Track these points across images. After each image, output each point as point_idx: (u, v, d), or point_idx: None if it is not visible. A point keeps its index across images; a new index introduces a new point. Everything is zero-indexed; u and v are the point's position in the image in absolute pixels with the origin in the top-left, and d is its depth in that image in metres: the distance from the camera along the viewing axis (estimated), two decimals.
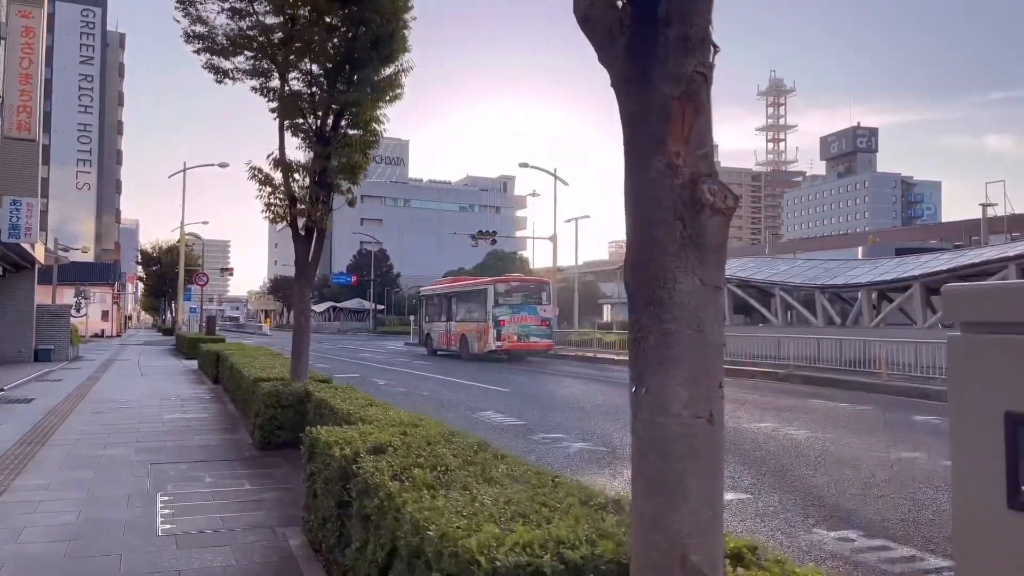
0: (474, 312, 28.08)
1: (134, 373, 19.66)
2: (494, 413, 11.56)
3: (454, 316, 29.98)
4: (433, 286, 35.15)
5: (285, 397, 8.33)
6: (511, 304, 26.94)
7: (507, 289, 27.63)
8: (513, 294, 27.36)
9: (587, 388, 16.23)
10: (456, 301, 30.22)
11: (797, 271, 28.16)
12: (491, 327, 26.38)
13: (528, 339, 26.86)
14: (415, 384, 16.98)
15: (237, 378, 11.71)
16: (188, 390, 14.92)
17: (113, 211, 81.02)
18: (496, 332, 26.30)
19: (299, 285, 9.35)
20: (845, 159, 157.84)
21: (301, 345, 9.24)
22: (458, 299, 30.14)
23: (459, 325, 29.07)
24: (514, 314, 26.74)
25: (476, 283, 30.59)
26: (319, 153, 8.96)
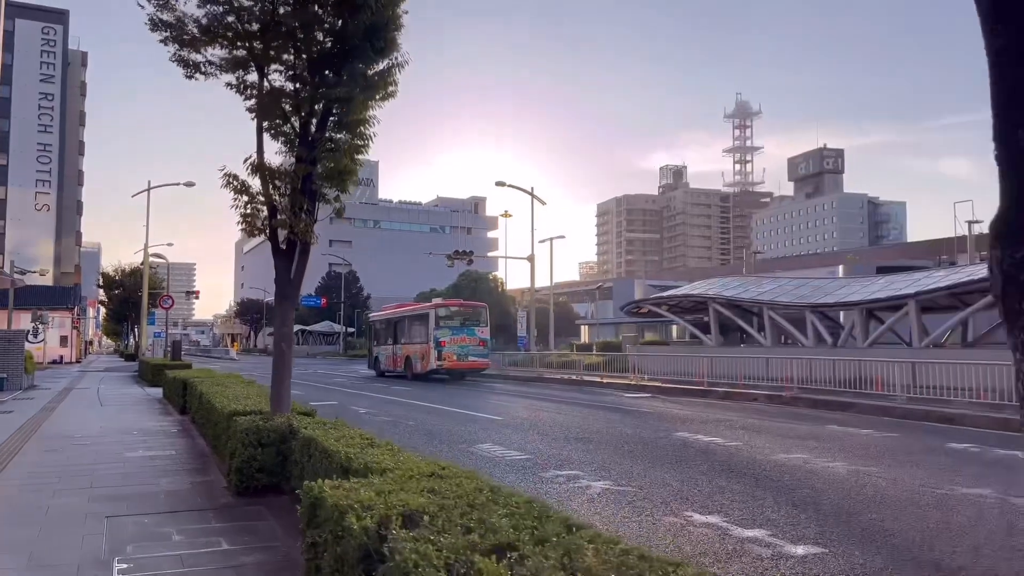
0: (417, 335, 30.18)
1: (93, 403, 18.28)
2: (493, 446, 10.52)
3: (400, 339, 32.10)
4: (382, 312, 37.27)
5: (266, 434, 7.24)
6: (451, 327, 29.01)
7: (447, 313, 29.65)
8: (453, 318, 29.43)
9: (583, 415, 15.25)
10: (401, 325, 32.36)
11: (784, 290, 27.55)
12: (432, 348, 28.48)
13: (467, 359, 28.97)
14: (399, 412, 15.86)
15: (207, 410, 10.56)
16: (152, 422, 13.66)
17: (73, 233, 78.65)
18: (437, 352, 28.39)
19: (280, 306, 8.29)
20: (813, 180, 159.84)
21: (282, 373, 8.16)
22: (403, 323, 32.21)
23: (404, 347, 31.20)
24: (454, 335, 28.86)
25: (419, 308, 32.60)
26: (303, 157, 7.94)
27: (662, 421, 13.79)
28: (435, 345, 28.38)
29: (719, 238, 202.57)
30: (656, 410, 15.89)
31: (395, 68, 8.03)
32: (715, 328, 29.22)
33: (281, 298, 8.28)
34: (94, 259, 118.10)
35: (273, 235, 8.25)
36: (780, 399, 17.00)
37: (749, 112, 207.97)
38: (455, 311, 30.05)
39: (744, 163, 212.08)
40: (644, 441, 11.01)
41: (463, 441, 11.09)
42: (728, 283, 30.46)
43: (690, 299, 31.14)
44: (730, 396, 18.48)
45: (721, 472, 8.40)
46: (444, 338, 28.58)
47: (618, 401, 18.38)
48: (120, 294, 64.84)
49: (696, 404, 17.37)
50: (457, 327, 29.11)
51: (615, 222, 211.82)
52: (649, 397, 19.54)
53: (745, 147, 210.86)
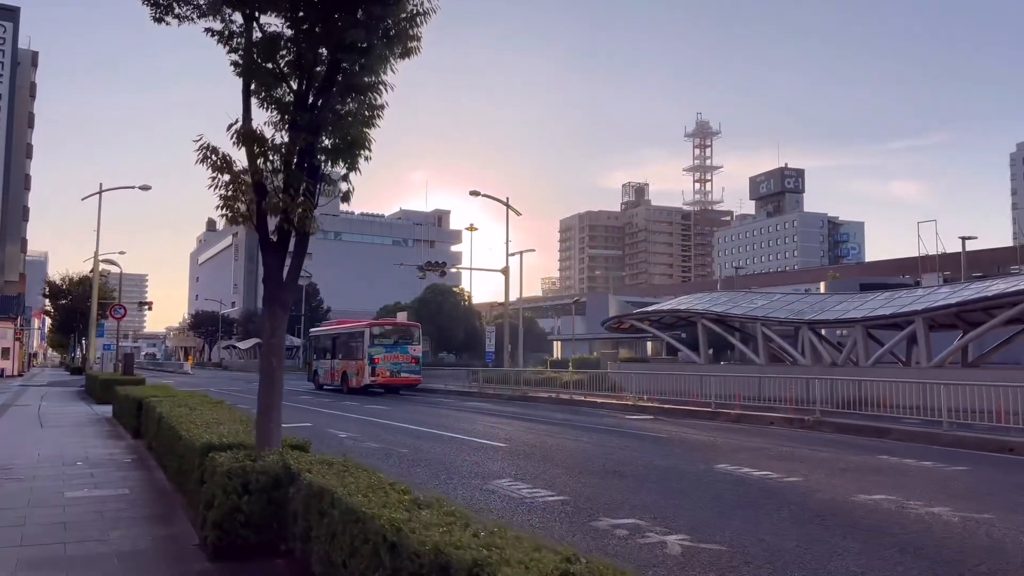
0: (353, 351, 31.69)
1: (32, 424, 16.15)
2: (512, 481, 8.90)
3: (337, 355, 33.59)
4: (321, 328, 39.34)
5: (255, 478, 5.54)
6: (385, 344, 30.58)
7: (382, 332, 31.32)
8: (387, 336, 31.11)
9: (595, 440, 13.70)
10: (339, 341, 33.77)
11: (778, 305, 26.40)
12: (367, 364, 29.96)
13: (399, 375, 30.55)
14: (387, 437, 14.11)
15: (170, 438, 8.77)
16: (101, 449, 11.73)
17: (19, 240, 74.80)
18: (371, 368, 29.89)
19: (270, 312, 6.57)
20: (774, 199, 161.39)
21: (271, 396, 6.46)
22: (341, 340, 33.62)
23: (341, 362, 32.68)
24: (387, 353, 30.42)
25: (355, 325, 33.54)
26: (301, 124, 6.29)
27: (689, 449, 12.29)
28: (369, 362, 29.92)
29: (680, 255, 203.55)
30: (672, 435, 14.39)
31: (419, 17, 6.44)
32: (704, 345, 27.95)
33: (271, 302, 6.57)
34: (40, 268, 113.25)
35: (261, 223, 6.58)
36: (801, 423, 15.63)
37: (709, 132, 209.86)
38: (389, 330, 31.91)
39: (704, 182, 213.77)
40: (686, 475, 9.48)
41: (475, 475, 9.43)
42: (716, 298, 29.25)
43: (676, 314, 29.88)
44: (743, 419, 17.09)
45: (810, 520, 6.91)
46: (378, 355, 30.15)
47: (622, 424, 16.84)
48: (67, 304, 61.66)
49: (709, 428, 15.93)
50: (391, 345, 30.73)
51: (578, 238, 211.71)
52: (652, 419, 18.06)
53: (705, 166, 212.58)
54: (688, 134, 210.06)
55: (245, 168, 6.56)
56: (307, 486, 4.95)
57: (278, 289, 6.56)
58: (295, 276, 6.66)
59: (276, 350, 6.57)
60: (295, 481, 5.36)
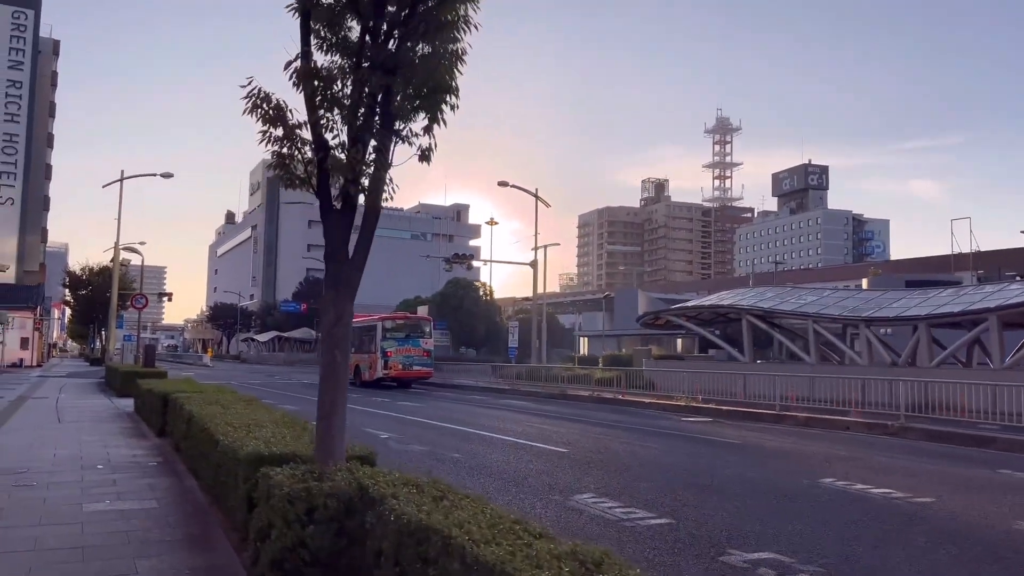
0: (366, 345, 31.65)
1: (49, 419, 15.12)
2: (598, 498, 7.69)
3: (353, 348, 32.61)
4: None
5: (322, 503, 4.37)
6: (397, 338, 30.72)
7: (394, 326, 31.44)
8: (400, 330, 31.27)
9: (664, 447, 12.47)
10: (353, 335, 32.78)
11: (829, 302, 25.04)
12: (379, 358, 30.22)
13: (412, 368, 30.79)
14: (429, 438, 12.94)
15: (203, 441, 7.65)
16: (123, 449, 10.63)
17: (39, 230, 74.38)
18: (384, 362, 30.12)
19: (334, 295, 5.38)
20: (797, 196, 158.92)
21: (335, 397, 5.28)
22: (354, 334, 34.36)
23: (354, 356, 31.74)
24: (400, 346, 30.58)
25: (368, 320, 33.27)
26: (379, 60, 5.11)
27: (775, 459, 11.05)
28: (382, 355, 30.11)
29: (700, 252, 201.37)
30: (746, 441, 13.13)
31: None
32: (749, 342, 26.62)
33: (334, 283, 5.39)
34: (60, 259, 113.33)
35: (323, 187, 5.40)
36: (883, 428, 14.30)
37: (729, 128, 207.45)
38: (401, 324, 32.00)
39: (724, 178, 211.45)
40: (793, 492, 8.24)
41: (549, 488, 8.23)
42: (762, 294, 27.89)
43: (717, 310, 28.56)
44: (812, 423, 15.79)
45: (985, 560, 5.66)
46: (390, 349, 30.31)
47: (681, 427, 15.60)
48: (87, 294, 61.15)
49: (779, 433, 14.65)
50: (403, 339, 30.85)
51: (596, 234, 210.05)
52: (712, 422, 16.80)
53: (725, 163, 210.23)
54: (708, 130, 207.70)
55: (303, 121, 5.40)
56: (398, 520, 3.76)
57: (343, 268, 5.38)
58: (364, 252, 5.47)
59: (340, 341, 5.38)
60: (374, 507, 4.18)
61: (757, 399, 19.80)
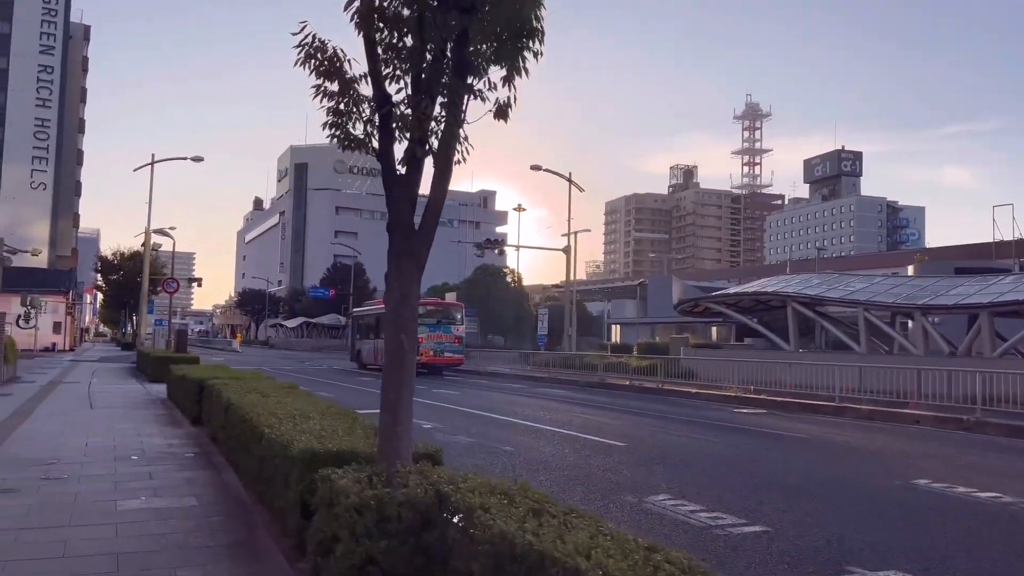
0: None
1: (81, 405, 14.70)
2: (674, 499, 6.97)
3: (380, 335, 33.02)
4: (364, 307, 39.08)
5: (395, 513, 3.70)
6: (428, 324, 29.41)
7: (424, 311, 29.93)
8: (430, 316, 30.31)
9: (725, 441, 11.71)
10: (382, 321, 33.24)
11: (880, 289, 24.01)
12: None
13: (443, 354, 30.19)
14: (474, 429, 12.30)
15: (244, 433, 7.05)
16: (158, 439, 10.10)
17: (71, 215, 75.02)
18: None
19: (398, 270, 4.68)
20: (829, 182, 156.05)
21: (400, 388, 4.62)
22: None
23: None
24: (431, 332, 29.62)
25: None
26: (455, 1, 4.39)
27: (853, 457, 10.27)
28: None
29: (729, 240, 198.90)
30: (812, 436, 12.33)
31: None
32: (794, 331, 25.66)
33: (399, 257, 4.68)
34: (92, 244, 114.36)
35: (385, 147, 4.71)
36: (957, 423, 13.40)
37: (759, 113, 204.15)
38: (432, 310, 31.14)
39: (753, 165, 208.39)
40: (888, 496, 7.45)
41: (618, 488, 7.53)
42: (807, 281, 26.90)
43: (759, 297, 27.62)
44: (876, 416, 14.94)
45: None
46: (421, 335, 29.53)
47: (738, 420, 14.80)
48: (119, 279, 61.38)
49: (843, 426, 13.83)
50: (434, 325, 30.11)
51: (623, 221, 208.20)
52: (766, 414, 16.00)
53: (754, 149, 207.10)
54: (737, 116, 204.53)
55: (363, 74, 4.71)
56: (495, 540, 3.07)
57: (409, 240, 4.68)
58: (433, 222, 4.76)
59: (407, 323, 4.69)
60: (458, 521, 3.51)
61: (808, 389, 18.97)
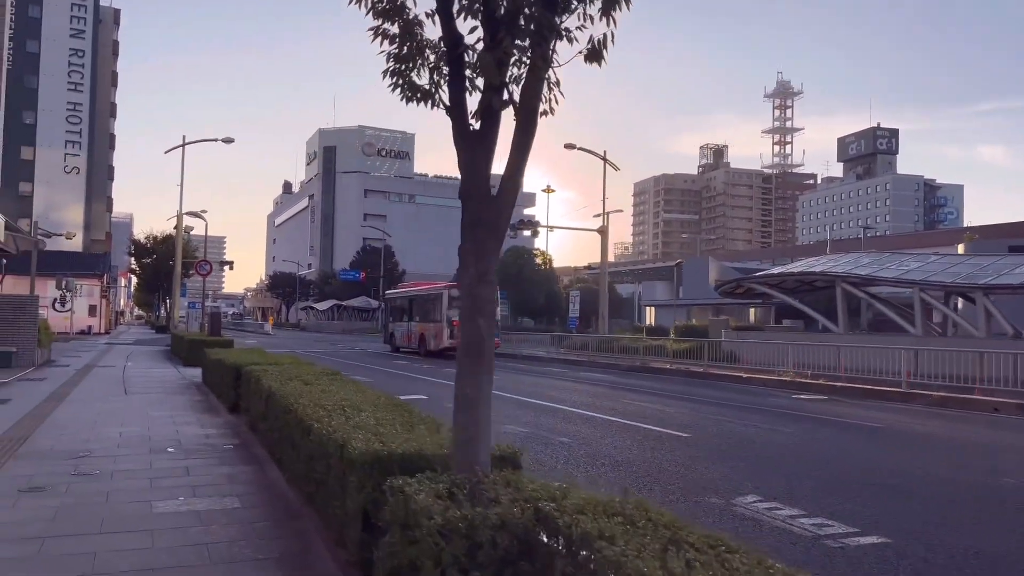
0: (431, 314, 31.14)
1: (115, 390, 14.29)
2: (765, 501, 6.26)
3: (414, 317, 33.19)
4: (398, 290, 39.07)
5: (488, 537, 3.02)
6: None
7: (460, 295, 28.75)
8: None
9: (798, 432, 10.93)
10: (416, 304, 33.45)
11: (936, 268, 22.92)
12: (445, 327, 29.17)
13: None
14: (525, 417, 11.66)
15: (288, 426, 6.45)
16: (194, 428, 9.57)
17: (104, 199, 75.42)
18: (450, 331, 28.70)
19: (472, 240, 3.96)
20: (864, 160, 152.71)
21: (481, 381, 3.94)
22: (418, 302, 33.24)
23: (419, 325, 32.22)
24: None
25: (433, 288, 33.06)
26: None
27: (945, 449, 9.47)
28: (448, 324, 28.95)
29: (760, 220, 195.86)
30: (891, 425, 11.49)
31: None
32: (843, 312, 24.65)
33: (475, 226, 3.97)
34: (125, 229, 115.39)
35: (456, 98, 3.99)
36: None
37: (790, 92, 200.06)
38: None
39: (784, 144, 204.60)
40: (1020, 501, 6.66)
41: (699, 487, 6.81)
42: (857, 260, 25.83)
43: (806, 278, 26.62)
44: (949, 403, 14.05)
45: None
46: (456, 318, 27.87)
47: (802, 407, 13.97)
48: (152, 262, 61.63)
49: (921, 415, 12.96)
50: None
51: (652, 202, 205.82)
52: (828, 400, 15.17)
53: (785, 128, 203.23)
54: (768, 95, 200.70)
55: (430, 11, 4.00)
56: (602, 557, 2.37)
57: (487, 207, 3.97)
58: (513, 188, 4.05)
59: (485, 304, 4.00)
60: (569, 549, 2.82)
61: (865, 373, 18.10)
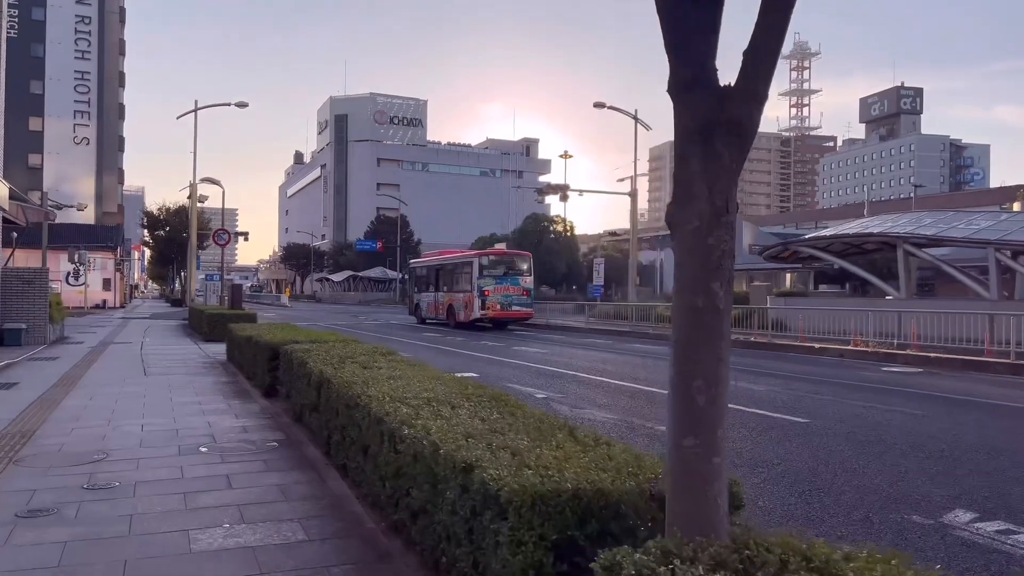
0: (460, 283, 29.78)
1: (134, 370, 12.95)
2: (983, 520, 4.79)
3: (442, 287, 31.76)
4: (423, 259, 37.18)
5: None
6: (494, 276, 28.39)
7: (491, 262, 29.20)
8: (497, 266, 28.88)
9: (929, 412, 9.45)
10: (444, 273, 31.95)
11: (1012, 227, 21.20)
12: (476, 297, 27.93)
13: (511, 308, 28.41)
14: (597, 398, 10.20)
15: (351, 422, 5.04)
16: (227, 418, 8.18)
17: (115, 170, 74.02)
18: (481, 301, 27.83)
19: (710, 157, 2.47)
20: (887, 121, 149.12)
21: (713, 384, 2.43)
22: (446, 271, 31.81)
23: (447, 295, 30.75)
24: (498, 285, 28.26)
25: (463, 255, 31.91)
26: None
27: None
28: (479, 294, 27.95)
29: (779, 184, 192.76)
30: None
31: None
32: (905, 275, 23.02)
33: (705, 132, 2.46)
34: (138, 202, 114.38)
35: None
36: None
37: (808, 52, 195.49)
38: (498, 260, 29.71)
39: (802, 106, 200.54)
40: None
41: (884, 498, 5.35)
42: (918, 219, 24.13)
43: (861, 239, 24.97)
44: None
45: None
46: (488, 287, 28.12)
47: (902, 381, 12.44)
48: (165, 235, 60.51)
49: None
50: (501, 276, 28.64)
51: (669, 168, 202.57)
52: (925, 373, 13.67)
53: (803, 90, 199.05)
54: (785, 56, 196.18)
55: None
56: None
57: (727, 100, 2.45)
58: (769, 69, 2.52)
59: (722, 260, 2.48)
60: None
61: (935, 341, 16.72)
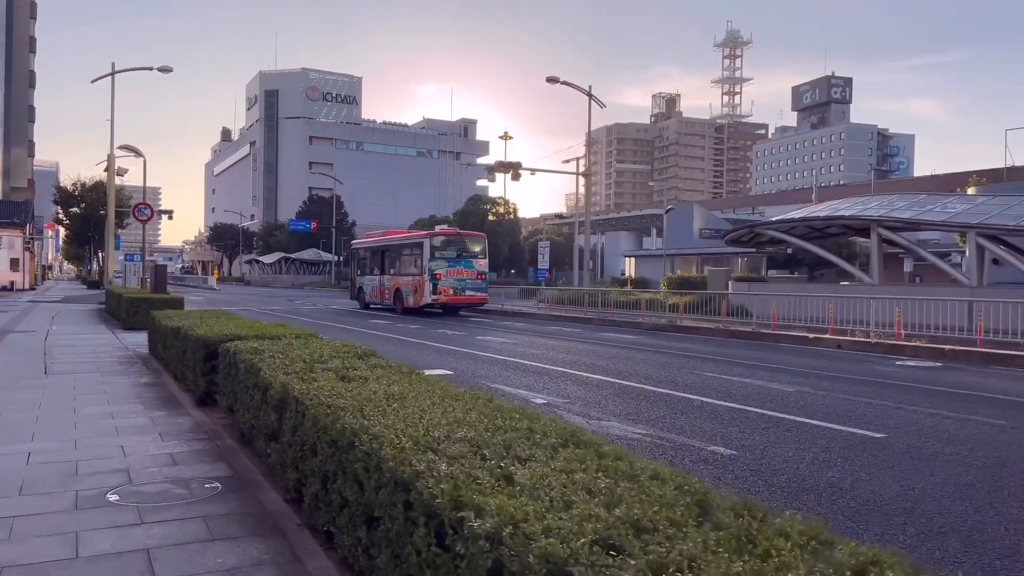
0: (409, 266, 27.83)
1: (33, 368, 10.68)
2: None
3: (388, 269, 29.58)
4: (367, 239, 34.65)
5: None
6: (447, 258, 26.53)
7: (443, 243, 27.05)
8: (449, 247, 26.92)
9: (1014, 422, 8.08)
10: (391, 254, 29.75)
11: (989, 210, 20.45)
12: (427, 280, 26.05)
13: (464, 292, 26.66)
14: (607, 404, 8.53)
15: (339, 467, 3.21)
16: (149, 439, 6.17)
17: (25, 142, 68.77)
18: (432, 285, 26.01)
19: None
20: (818, 110, 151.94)
21: None
22: (393, 252, 29.66)
23: (393, 279, 28.72)
24: (450, 267, 26.47)
25: (412, 236, 30.05)
26: None
27: None
28: (430, 277, 25.98)
29: (712, 171, 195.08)
30: None
31: None
32: (877, 260, 22.14)
33: None
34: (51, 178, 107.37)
35: None
36: None
37: (740, 41, 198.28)
38: (451, 240, 27.43)
39: (734, 94, 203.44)
40: None
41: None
42: (891, 203, 23.25)
43: (832, 223, 24.04)
44: None
45: None
46: (440, 270, 26.19)
47: (935, 379, 11.11)
48: (81, 212, 56.32)
49: None
50: (454, 259, 26.65)
51: (604, 152, 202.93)
52: (945, 368, 12.44)
53: (735, 78, 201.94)
54: (718, 44, 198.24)
55: None
56: None
57: None
58: None
59: None
60: None
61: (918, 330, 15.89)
